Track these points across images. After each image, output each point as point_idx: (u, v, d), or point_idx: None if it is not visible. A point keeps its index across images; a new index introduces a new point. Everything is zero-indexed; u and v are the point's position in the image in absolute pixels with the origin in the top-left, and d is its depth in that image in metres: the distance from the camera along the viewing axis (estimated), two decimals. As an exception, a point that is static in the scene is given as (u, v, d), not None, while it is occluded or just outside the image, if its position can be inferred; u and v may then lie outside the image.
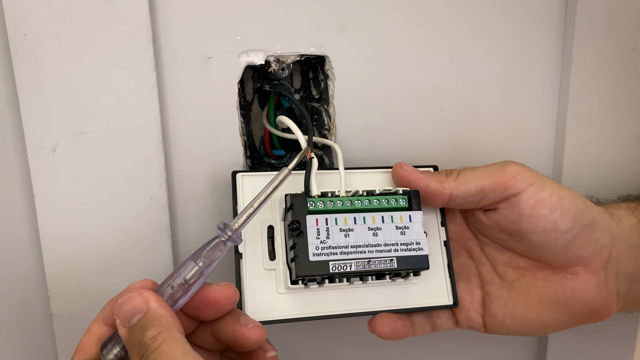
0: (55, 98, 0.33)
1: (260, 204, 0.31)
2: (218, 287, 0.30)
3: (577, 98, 0.41)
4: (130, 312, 0.27)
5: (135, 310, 0.27)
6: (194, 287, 0.29)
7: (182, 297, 0.29)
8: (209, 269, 0.30)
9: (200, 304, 0.30)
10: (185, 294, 0.29)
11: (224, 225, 0.30)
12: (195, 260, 0.29)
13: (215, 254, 0.30)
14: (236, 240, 0.30)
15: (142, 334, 0.26)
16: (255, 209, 0.31)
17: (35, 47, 0.32)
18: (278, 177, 0.32)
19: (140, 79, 0.34)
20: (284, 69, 0.37)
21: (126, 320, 0.27)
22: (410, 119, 0.39)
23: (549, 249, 0.34)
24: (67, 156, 0.34)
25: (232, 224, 0.30)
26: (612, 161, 0.43)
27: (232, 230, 0.30)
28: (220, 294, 0.30)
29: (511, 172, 0.33)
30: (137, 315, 0.27)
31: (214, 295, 0.30)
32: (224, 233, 0.30)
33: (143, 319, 0.27)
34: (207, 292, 0.30)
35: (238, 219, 0.30)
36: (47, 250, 0.34)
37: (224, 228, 0.30)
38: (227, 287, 0.30)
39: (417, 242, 0.33)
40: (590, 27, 0.40)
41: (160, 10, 0.34)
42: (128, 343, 0.27)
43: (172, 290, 0.29)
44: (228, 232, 0.30)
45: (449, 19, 0.38)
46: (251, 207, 0.31)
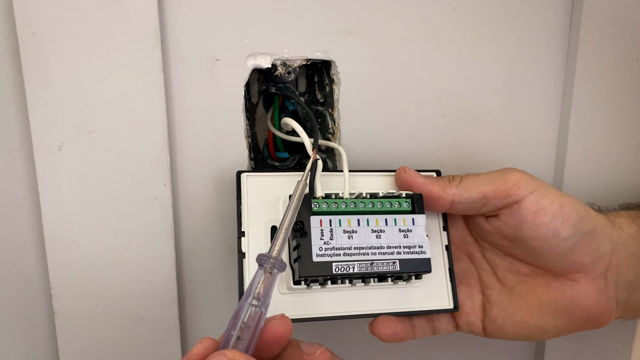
0: (63, 97, 0.33)
1: (289, 224, 0.30)
2: (278, 322, 0.28)
3: (579, 107, 0.41)
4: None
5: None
6: (258, 330, 0.27)
7: (252, 343, 0.27)
8: (266, 305, 0.28)
9: (263, 345, 0.28)
10: (254, 339, 0.27)
11: (263, 257, 0.29)
12: (251, 302, 0.28)
13: (266, 288, 0.28)
14: (279, 267, 0.29)
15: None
16: (287, 229, 0.30)
17: (44, 46, 0.32)
18: (296, 193, 0.31)
19: (148, 80, 0.34)
20: (290, 73, 0.38)
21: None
22: (413, 124, 0.40)
23: (550, 256, 0.34)
24: (73, 155, 0.34)
25: (271, 252, 0.29)
26: (613, 170, 0.43)
27: (273, 259, 0.29)
28: (283, 328, 0.28)
29: (513, 180, 0.34)
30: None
31: (277, 331, 0.28)
32: (266, 264, 0.29)
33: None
34: (270, 329, 0.28)
35: (275, 246, 0.29)
36: (51, 247, 0.34)
37: (264, 260, 0.29)
38: (284, 320, 0.28)
39: (419, 245, 0.33)
40: (594, 37, 0.40)
41: (168, 11, 0.34)
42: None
43: (242, 340, 0.27)
44: (271, 261, 0.29)
45: (454, 26, 0.39)
46: (283, 228, 0.30)
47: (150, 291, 0.36)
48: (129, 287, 0.36)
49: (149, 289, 0.36)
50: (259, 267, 0.29)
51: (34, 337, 0.37)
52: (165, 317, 0.37)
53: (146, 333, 0.37)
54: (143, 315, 0.36)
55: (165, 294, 0.36)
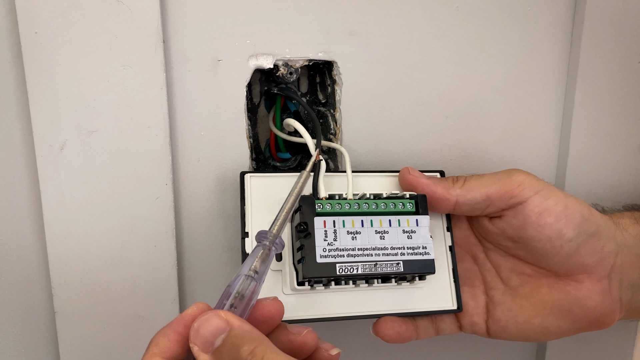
0: (65, 96, 0.33)
1: (291, 206, 0.30)
2: (270, 302, 0.28)
3: (582, 108, 0.41)
4: (211, 334, 0.25)
5: (217, 331, 0.25)
6: (252, 302, 0.27)
7: (244, 314, 0.27)
8: (262, 280, 0.28)
9: (254, 322, 0.28)
10: (247, 311, 0.27)
11: (263, 233, 0.29)
12: (247, 274, 0.28)
13: (264, 263, 0.28)
14: (279, 246, 0.29)
15: (236, 353, 0.24)
16: (289, 211, 0.30)
17: (46, 46, 0.32)
18: (301, 179, 0.32)
19: (150, 80, 0.34)
20: (292, 73, 0.38)
21: (208, 344, 0.25)
22: (415, 125, 0.40)
23: (554, 257, 0.34)
24: (74, 154, 0.34)
25: (270, 230, 0.29)
26: (615, 172, 0.43)
27: (273, 236, 0.29)
28: (274, 308, 0.28)
29: (517, 180, 0.34)
30: (221, 335, 0.25)
31: (269, 310, 0.28)
32: (266, 240, 0.29)
33: (229, 337, 0.25)
34: (261, 308, 0.28)
35: (275, 224, 0.29)
36: (52, 247, 0.34)
37: (264, 236, 0.29)
38: (277, 301, 0.28)
39: (423, 246, 0.33)
40: (596, 38, 0.40)
41: (171, 12, 0.34)
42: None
43: (236, 309, 0.27)
44: (270, 239, 0.29)
45: (457, 27, 0.39)
46: (284, 209, 0.30)
47: (151, 291, 0.36)
48: (130, 287, 0.36)
49: (150, 289, 0.36)
50: (257, 244, 0.29)
51: (35, 336, 0.37)
52: (166, 317, 0.37)
53: (147, 333, 0.36)
54: (144, 315, 0.36)
55: (166, 294, 0.36)
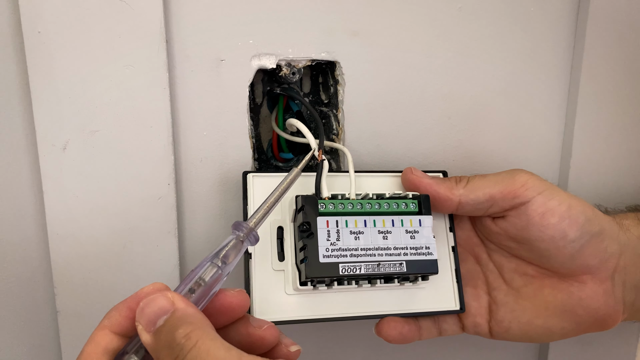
0: (68, 96, 0.33)
1: (274, 202, 0.30)
2: (234, 293, 0.28)
3: (585, 108, 0.41)
4: (154, 314, 0.25)
5: (161, 312, 0.25)
6: (214, 290, 0.27)
7: (202, 300, 0.27)
8: (227, 270, 0.28)
9: (213, 310, 0.28)
10: (206, 297, 0.27)
11: (239, 224, 0.29)
12: (213, 261, 0.27)
13: (233, 254, 0.28)
14: (252, 239, 0.29)
15: (172, 335, 0.24)
16: (269, 207, 0.30)
17: (49, 45, 0.32)
18: (289, 177, 0.31)
19: (153, 80, 0.34)
20: (295, 73, 0.38)
21: (150, 324, 0.25)
22: (418, 126, 0.39)
23: (557, 257, 0.34)
24: (77, 154, 0.34)
25: (247, 222, 0.29)
26: (618, 172, 0.43)
27: (248, 229, 0.29)
28: (236, 299, 0.28)
29: (520, 181, 0.34)
30: (163, 316, 0.25)
31: (230, 301, 0.28)
32: (240, 232, 0.29)
33: (170, 319, 0.25)
34: (223, 298, 0.28)
35: (253, 218, 0.29)
36: (55, 247, 0.34)
37: (239, 227, 0.29)
38: (242, 294, 0.28)
39: (426, 246, 0.33)
40: (600, 39, 0.40)
41: (174, 12, 0.34)
42: (155, 348, 0.25)
43: (193, 293, 0.27)
44: (244, 231, 0.29)
45: (460, 28, 0.39)
46: (265, 205, 0.30)
47: (154, 292, 0.36)
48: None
49: (153, 290, 0.36)
50: (232, 233, 0.29)
51: (37, 336, 0.37)
52: (168, 318, 0.36)
53: (149, 334, 0.36)
54: (146, 316, 0.36)
55: (169, 295, 0.36)
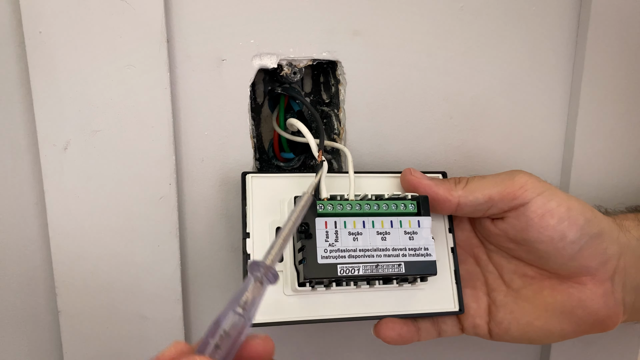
0: (69, 96, 0.33)
1: (288, 234, 0.28)
2: (259, 342, 0.26)
3: (586, 109, 0.41)
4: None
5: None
6: (239, 340, 0.26)
7: (229, 354, 0.25)
8: (251, 316, 0.26)
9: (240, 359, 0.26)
10: (232, 350, 0.25)
11: (256, 264, 0.27)
12: (235, 310, 0.26)
13: (254, 298, 0.26)
14: (271, 278, 0.27)
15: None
16: (284, 240, 0.28)
17: (50, 45, 0.32)
18: (299, 204, 0.30)
19: (154, 80, 0.34)
20: (296, 73, 0.38)
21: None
22: (420, 125, 0.39)
23: (557, 259, 0.34)
24: (78, 154, 0.34)
25: (264, 260, 0.27)
26: (620, 173, 0.43)
27: (265, 267, 0.27)
28: (262, 348, 0.26)
29: (520, 182, 0.34)
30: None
31: (257, 350, 0.26)
32: (258, 272, 0.27)
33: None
34: (249, 348, 0.26)
35: (269, 255, 0.27)
36: (56, 247, 0.34)
37: (256, 268, 0.27)
38: (267, 341, 0.26)
39: (425, 247, 0.33)
40: (601, 39, 0.40)
41: (175, 11, 0.34)
42: None
43: (220, 349, 0.25)
44: (262, 271, 0.27)
45: (461, 27, 0.39)
46: (280, 239, 0.28)
47: (155, 291, 0.36)
48: (134, 287, 0.36)
49: (154, 289, 0.36)
50: (250, 274, 0.27)
51: (38, 335, 0.37)
52: (169, 317, 0.37)
53: (150, 332, 0.37)
54: (147, 314, 0.36)
55: (170, 294, 0.36)
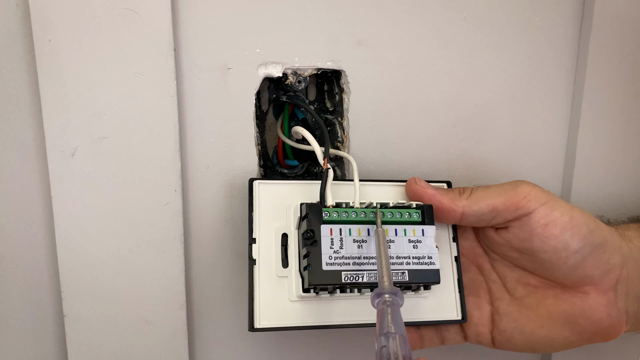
0: (77, 103, 0.33)
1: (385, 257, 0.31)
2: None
3: (588, 118, 0.41)
4: None
5: None
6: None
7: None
8: (401, 330, 0.28)
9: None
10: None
11: (379, 292, 0.30)
12: (390, 335, 0.27)
13: (398, 318, 0.28)
14: (399, 298, 0.29)
15: None
16: (384, 262, 0.31)
17: (59, 53, 0.33)
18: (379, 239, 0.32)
19: (161, 88, 0.34)
20: (301, 82, 0.38)
21: None
22: (423, 134, 0.40)
23: (560, 268, 0.34)
24: (85, 160, 0.34)
25: (382, 288, 0.30)
26: (622, 182, 0.43)
27: (387, 291, 0.29)
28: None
29: (523, 192, 0.34)
30: None
31: None
32: (384, 296, 0.29)
33: None
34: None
35: (382, 282, 0.30)
36: (62, 251, 0.35)
37: (380, 293, 0.29)
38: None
39: (429, 256, 0.33)
40: (603, 48, 0.41)
41: (182, 20, 0.35)
42: None
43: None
44: (387, 296, 0.29)
45: (464, 37, 0.39)
46: (382, 261, 0.31)
47: (159, 296, 0.36)
48: (138, 292, 0.36)
49: (158, 294, 0.36)
50: (378, 304, 0.29)
51: (43, 339, 0.37)
52: (173, 322, 0.37)
53: (154, 338, 0.37)
54: (151, 319, 0.37)
55: (174, 299, 0.37)
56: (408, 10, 0.38)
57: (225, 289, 0.38)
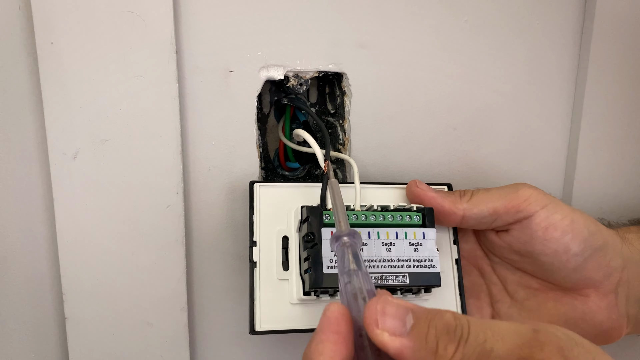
0: (79, 105, 0.34)
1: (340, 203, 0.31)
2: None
3: (589, 121, 0.41)
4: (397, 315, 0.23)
5: (401, 310, 0.23)
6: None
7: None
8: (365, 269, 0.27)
9: None
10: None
11: (337, 236, 0.29)
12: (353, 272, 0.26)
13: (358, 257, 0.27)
14: (357, 239, 0.29)
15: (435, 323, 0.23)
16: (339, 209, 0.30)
17: (61, 56, 0.33)
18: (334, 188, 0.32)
19: (162, 90, 0.34)
20: (302, 84, 0.38)
21: (400, 326, 0.23)
22: (424, 136, 0.40)
23: (560, 271, 0.34)
24: (87, 163, 0.34)
25: (340, 231, 0.29)
26: (623, 185, 0.43)
27: (344, 233, 0.29)
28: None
29: (524, 195, 0.34)
30: (408, 314, 0.23)
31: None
32: (342, 239, 0.29)
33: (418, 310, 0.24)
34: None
35: (340, 226, 0.29)
36: (64, 253, 0.35)
37: (338, 236, 0.29)
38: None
39: (429, 259, 0.33)
40: (604, 52, 0.41)
41: (184, 23, 0.35)
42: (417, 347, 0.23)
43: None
44: (345, 239, 0.28)
45: (465, 40, 0.39)
46: (336, 210, 0.30)
47: (161, 298, 0.37)
48: (140, 294, 0.36)
49: (160, 296, 0.36)
50: (337, 247, 0.29)
51: (44, 341, 0.37)
52: (174, 324, 0.37)
53: (155, 340, 0.37)
54: (153, 322, 0.37)
55: (175, 302, 0.37)
56: (409, 13, 0.38)
57: (226, 291, 0.38)
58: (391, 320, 0.23)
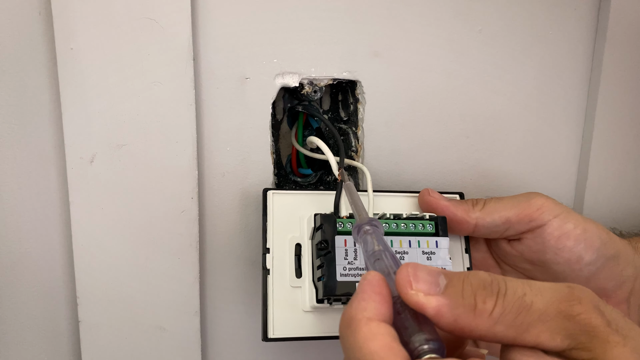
0: (97, 110, 0.34)
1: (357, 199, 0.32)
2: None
3: (601, 130, 0.42)
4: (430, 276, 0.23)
5: (432, 273, 0.24)
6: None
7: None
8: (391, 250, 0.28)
9: None
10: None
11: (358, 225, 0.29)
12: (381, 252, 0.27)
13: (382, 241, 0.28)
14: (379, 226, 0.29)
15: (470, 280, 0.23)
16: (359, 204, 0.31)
17: (81, 61, 0.33)
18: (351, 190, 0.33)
19: (179, 96, 0.35)
20: (317, 92, 0.38)
21: (434, 286, 0.23)
22: (437, 145, 0.40)
23: (573, 280, 0.34)
24: (104, 167, 0.35)
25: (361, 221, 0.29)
26: (635, 195, 0.43)
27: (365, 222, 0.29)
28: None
29: (536, 204, 0.34)
30: (439, 275, 0.24)
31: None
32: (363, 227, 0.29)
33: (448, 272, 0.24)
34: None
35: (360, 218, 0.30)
36: (79, 257, 0.35)
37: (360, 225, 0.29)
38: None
39: (443, 267, 0.33)
40: (617, 61, 0.41)
41: (201, 30, 0.35)
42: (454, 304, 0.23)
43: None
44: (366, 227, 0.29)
45: (479, 49, 0.39)
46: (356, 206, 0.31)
47: (174, 303, 0.37)
48: (153, 298, 0.37)
49: (173, 301, 0.37)
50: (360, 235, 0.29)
51: (58, 345, 0.38)
52: (187, 329, 0.37)
53: (168, 344, 0.37)
54: (166, 326, 0.37)
55: (188, 306, 0.37)
56: (424, 22, 0.38)
57: (239, 297, 0.39)
58: (424, 281, 0.23)
